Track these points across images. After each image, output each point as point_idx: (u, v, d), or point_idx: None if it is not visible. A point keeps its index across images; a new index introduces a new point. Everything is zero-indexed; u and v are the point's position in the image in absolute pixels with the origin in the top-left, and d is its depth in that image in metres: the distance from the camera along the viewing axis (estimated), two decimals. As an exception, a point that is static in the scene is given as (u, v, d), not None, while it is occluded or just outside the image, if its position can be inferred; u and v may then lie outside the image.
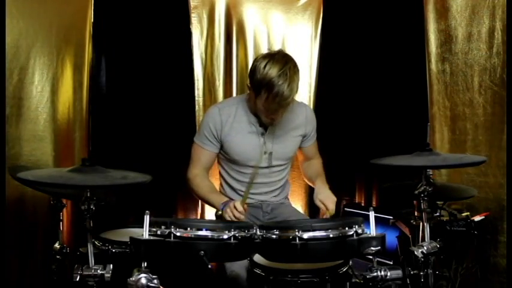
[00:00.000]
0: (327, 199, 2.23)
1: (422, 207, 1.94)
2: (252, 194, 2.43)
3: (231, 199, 2.31)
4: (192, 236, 1.64)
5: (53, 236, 1.98)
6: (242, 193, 2.43)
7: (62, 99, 2.49)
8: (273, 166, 2.43)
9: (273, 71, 2.13)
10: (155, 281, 1.57)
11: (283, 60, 2.18)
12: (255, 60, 2.27)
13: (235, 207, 2.10)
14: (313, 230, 1.65)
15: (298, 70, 2.21)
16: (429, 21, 2.74)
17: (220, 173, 2.55)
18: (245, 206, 2.16)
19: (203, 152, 2.40)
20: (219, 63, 3.13)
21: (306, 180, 2.68)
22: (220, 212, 2.18)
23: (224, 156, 2.44)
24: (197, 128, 3.01)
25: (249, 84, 2.28)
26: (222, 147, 2.40)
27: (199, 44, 3.09)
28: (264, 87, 2.15)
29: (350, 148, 3.43)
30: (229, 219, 2.09)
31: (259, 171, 2.40)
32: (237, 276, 2.00)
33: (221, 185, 2.55)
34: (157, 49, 3.01)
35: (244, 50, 3.18)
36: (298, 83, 2.20)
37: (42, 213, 2.31)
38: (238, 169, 2.43)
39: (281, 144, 2.42)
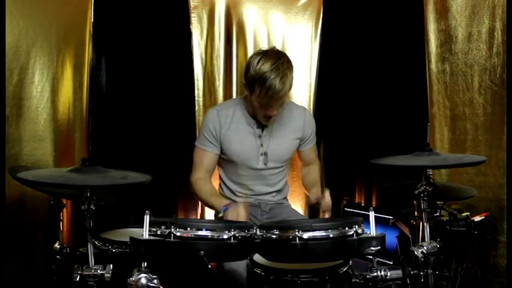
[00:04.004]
0: (321, 194, 2.24)
1: (422, 207, 1.94)
2: (250, 194, 2.44)
3: (232, 200, 2.32)
4: (192, 236, 1.64)
5: (53, 236, 1.98)
6: (240, 195, 2.44)
7: (62, 99, 2.49)
8: (269, 168, 2.43)
9: (265, 66, 2.16)
10: (155, 281, 1.56)
11: (276, 56, 2.21)
12: (250, 58, 2.30)
13: (238, 213, 2.08)
14: (313, 230, 1.64)
15: (291, 66, 2.23)
16: (429, 21, 2.74)
17: (219, 175, 2.55)
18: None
19: (205, 154, 2.41)
20: (219, 63, 3.14)
21: (303, 188, 2.68)
22: (221, 214, 2.18)
23: (223, 157, 2.45)
24: (197, 127, 3.02)
25: (244, 82, 2.30)
26: (221, 149, 2.41)
27: (199, 44, 3.09)
28: (257, 81, 2.18)
29: (350, 148, 3.43)
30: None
31: (256, 172, 2.41)
32: (236, 274, 2.00)
33: (220, 186, 2.56)
34: (157, 49, 3.01)
35: (244, 50, 3.18)
36: (291, 79, 2.21)
37: (42, 213, 2.32)
38: (236, 170, 2.43)
39: (278, 146, 2.42)
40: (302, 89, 3.27)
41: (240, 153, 2.39)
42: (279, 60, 2.18)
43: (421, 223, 2.03)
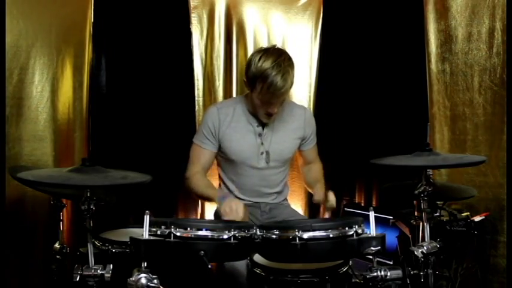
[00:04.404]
0: (326, 192, 2.24)
1: (422, 207, 1.94)
2: (250, 196, 2.44)
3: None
4: (192, 236, 1.64)
5: (53, 236, 1.98)
6: (239, 195, 2.44)
7: (62, 99, 2.49)
8: (271, 168, 2.43)
9: (266, 63, 2.16)
10: (155, 281, 1.56)
11: (277, 53, 2.22)
12: (251, 55, 2.30)
13: (237, 210, 2.08)
14: (313, 230, 1.65)
15: (292, 63, 2.23)
16: (429, 21, 2.74)
17: (219, 175, 2.55)
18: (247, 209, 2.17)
19: (202, 151, 2.40)
20: (219, 63, 3.14)
21: (305, 186, 2.69)
22: (217, 203, 2.18)
23: (222, 156, 2.44)
24: (197, 127, 3.01)
25: (245, 79, 2.30)
26: (220, 147, 2.41)
27: (199, 44, 3.09)
28: (259, 78, 2.18)
29: (350, 148, 3.43)
30: (224, 214, 2.09)
31: (257, 172, 2.41)
32: (236, 274, 2.00)
33: (220, 187, 2.55)
34: (157, 49, 3.01)
35: (244, 50, 3.18)
36: (292, 76, 2.21)
37: (42, 213, 2.32)
38: (236, 170, 2.43)
39: (278, 145, 2.41)
40: (302, 88, 3.27)
41: (239, 152, 2.39)
42: (280, 57, 2.19)
43: (421, 223, 2.04)
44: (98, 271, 1.67)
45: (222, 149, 2.41)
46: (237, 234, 1.66)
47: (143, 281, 1.55)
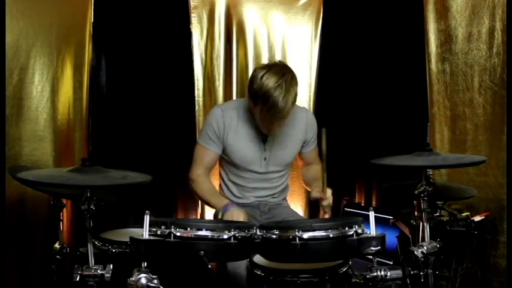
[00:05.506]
0: (323, 191, 2.23)
1: (422, 207, 1.94)
2: (250, 196, 2.45)
3: (231, 201, 2.34)
4: (192, 236, 1.64)
5: (53, 236, 1.98)
6: (240, 196, 2.45)
7: (62, 99, 2.49)
8: (270, 172, 2.43)
9: (269, 82, 2.13)
10: (155, 281, 1.56)
11: (280, 72, 2.17)
12: (254, 71, 2.27)
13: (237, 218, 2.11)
14: (313, 230, 1.64)
15: (296, 82, 2.19)
16: (429, 21, 2.74)
17: (220, 174, 2.55)
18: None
19: (206, 152, 2.40)
20: (219, 63, 3.14)
21: (304, 184, 2.69)
22: (220, 215, 2.18)
23: (225, 159, 2.44)
24: (197, 128, 3.02)
25: (248, 94, 2.28)
26: (224, 150, 2.40)
27: (199, 44, 3.09)
28: (260, 98, 2.15)
29: (350, 148, 3.43)
30: None
31: (259, 176, 2.41)
32: (237, 275, 2.00)
33: (220, 186, 2.55)
34: (157, 49, 3.01)
35: (244, 50, 3.18)
36: (295, 95, 2.18)
37: (42, 213, 2.32)
38: (238, 173, 2.43)
39: (280, 151, 2.41)
40: (302, 89, 3.26)
41: (242, 157, 2.38)
42: (283, 77, 2.14)
43: (421, 223, 2.04)
44: (98, 271, 1.67)
45: (226, 152, 2.40)
46: (237, 234, 1.66)
47: (143, 281, 1.55)
